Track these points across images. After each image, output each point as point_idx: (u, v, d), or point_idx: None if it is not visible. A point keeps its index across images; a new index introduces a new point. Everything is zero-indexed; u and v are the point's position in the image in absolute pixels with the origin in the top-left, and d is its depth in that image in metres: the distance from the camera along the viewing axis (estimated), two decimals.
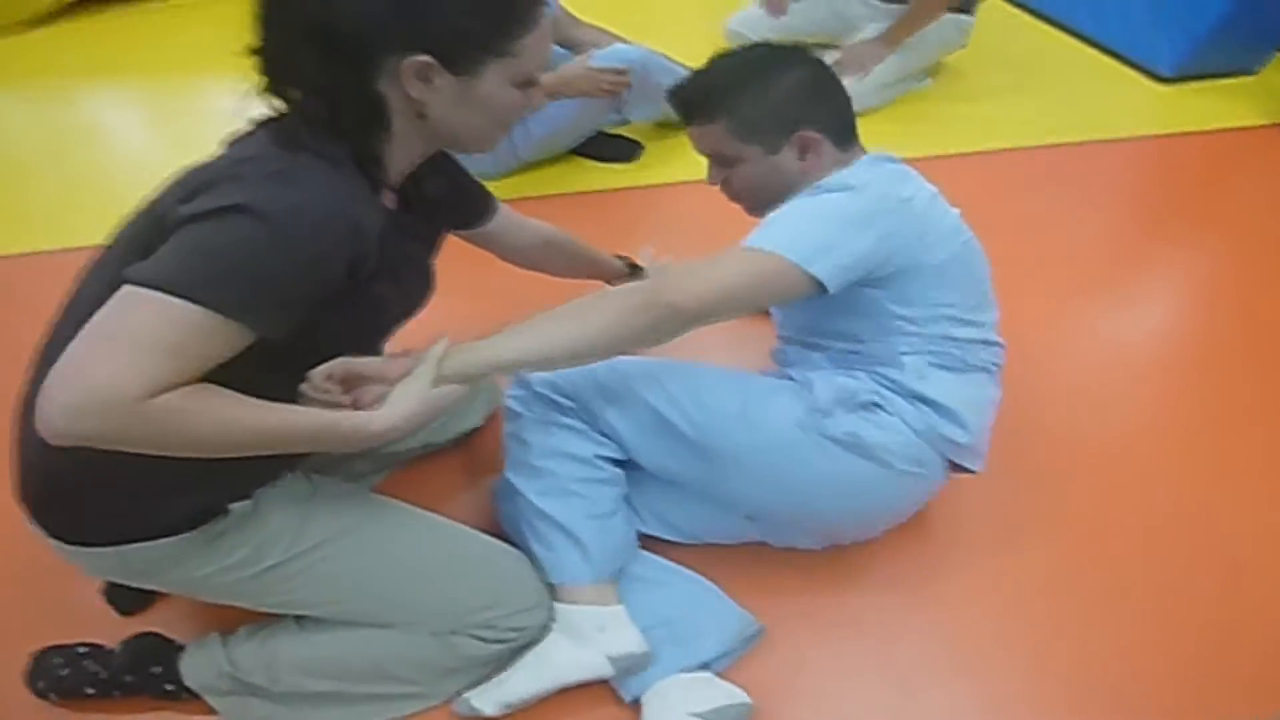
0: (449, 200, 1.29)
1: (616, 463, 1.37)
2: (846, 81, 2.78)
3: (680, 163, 2.61)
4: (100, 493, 1.06)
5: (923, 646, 1.40)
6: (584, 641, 1.26)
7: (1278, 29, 3.15)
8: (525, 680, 1.25)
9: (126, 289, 0.86)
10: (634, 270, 1.75)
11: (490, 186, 1.48)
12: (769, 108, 1.32)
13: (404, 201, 1.16)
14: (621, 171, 2.63)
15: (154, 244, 0.91)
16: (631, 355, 1.22)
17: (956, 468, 1.35)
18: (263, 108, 1.02)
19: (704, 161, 1.43)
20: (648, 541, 1.45)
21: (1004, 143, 2.78)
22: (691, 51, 2.54)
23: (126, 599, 1.43)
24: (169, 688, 1.27)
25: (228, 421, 0.90)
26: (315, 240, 0.92)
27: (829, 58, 2.81)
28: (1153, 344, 2.05)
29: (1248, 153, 2.80)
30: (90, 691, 1.29)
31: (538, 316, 1.13)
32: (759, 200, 1.36)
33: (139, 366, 0.83)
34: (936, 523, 1.57)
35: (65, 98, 3.18)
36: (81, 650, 1.31)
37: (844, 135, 1.36)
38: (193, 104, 3.08)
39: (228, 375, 0.90)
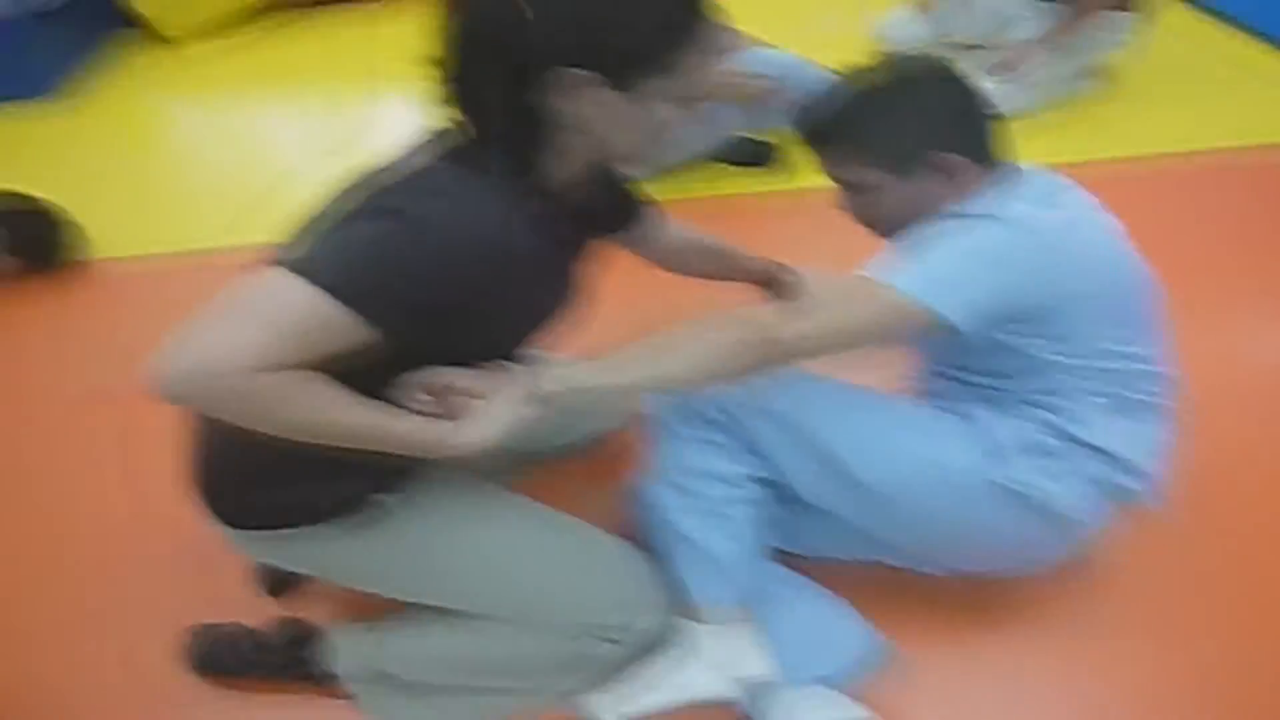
0: (601, 206, 1.27)
1: (763, 480, 1.31)
2: (1005, 84, 2.74)
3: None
4: (264, 479, 1.15)
5: (1050, 693, 1.34)
6: (714, 662, 1.26)
7: None
8: (651, 695, 1.26)
9: (267, 270, 0.91)
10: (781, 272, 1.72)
11: None
12: (900, 131, 1.22)
13: (558, 208, 1.15)
14: (758, 176, 2.61)
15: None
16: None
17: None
18: (434, 117, 1.05)
19: None
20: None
21: (1164, 148, 2.64)
22: (840, 58, 2.51)
23: (276, 581, 1.51)
24: (313, 671, 1.35)
25: (322, 412, 0.94)
26: (459, 257, 0.95)
27: (982, 59, 2.78)
28: None
29: None
30: (239, 668, 1.37)
31: (642, 343, 1.11)
32: (893, 226, 1.28)
33: (255, 341, 0.86)
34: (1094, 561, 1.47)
35: (238, 106, 3.39)
36: (232, 629, 1.40)
37: (989, 155, 1.24)
38: (358, 112, 3.24)
39: (360, 367, 0.94)
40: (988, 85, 2.72)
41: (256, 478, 1.16)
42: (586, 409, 1.59)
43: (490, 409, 1.02)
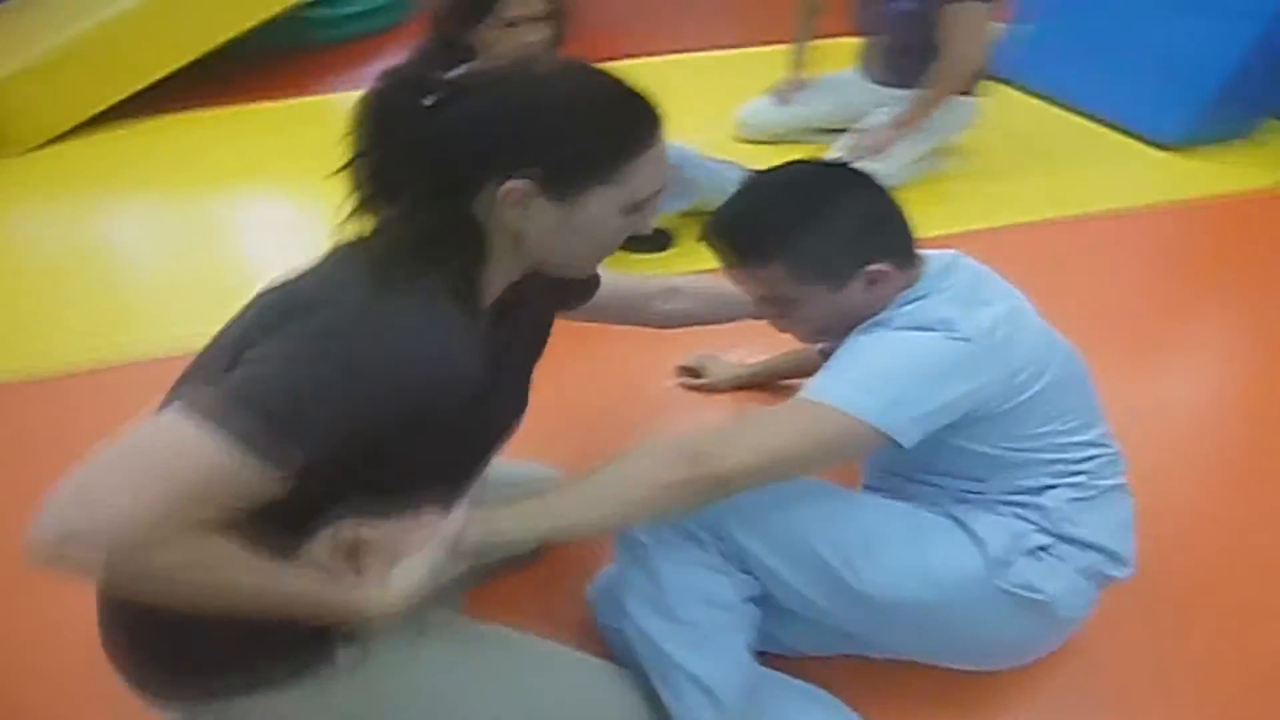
0: (548, 289, 1.18)
1: (753, 598, 1.23)
2: (865, 165, 2.87)
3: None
4: (190, 637, 0.94)
5: None
6: None
7: (1269, 95, 3.26)
8: None
9: (168, 412, 0.80)
10: None
11: None
12: (835, 245, 1.16)
13: (498, 312, 1.06)
14: (651, 261, 2.64)
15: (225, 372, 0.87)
16: None
17: None
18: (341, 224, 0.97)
19: None
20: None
21: (1022, 217, 2.82)
22: (704, 143, 2.59)
23: None
24: None
25: (225, 584, 0.83)
26: (397, 391, 0.86)
27: (842, 141, 2.93)
28: (1205, 408, 2.08)
29: (1256, 214, 2.88)
30: None
31: (567, 484, 1.05)
32: (818, 335, 1.27)
33: (152, 500, 0.75)
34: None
35: (81, 213, 3.15)
36: None
37: (909, 256, 1.21)
38: (217, 216, 3.08)
39: (274, 511, 0.82)
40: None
41: (177, 633, 0.95)
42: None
43: (406, 565, 0.91)
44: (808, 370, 1.35)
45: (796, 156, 3.04)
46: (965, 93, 2.93)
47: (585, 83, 0.97)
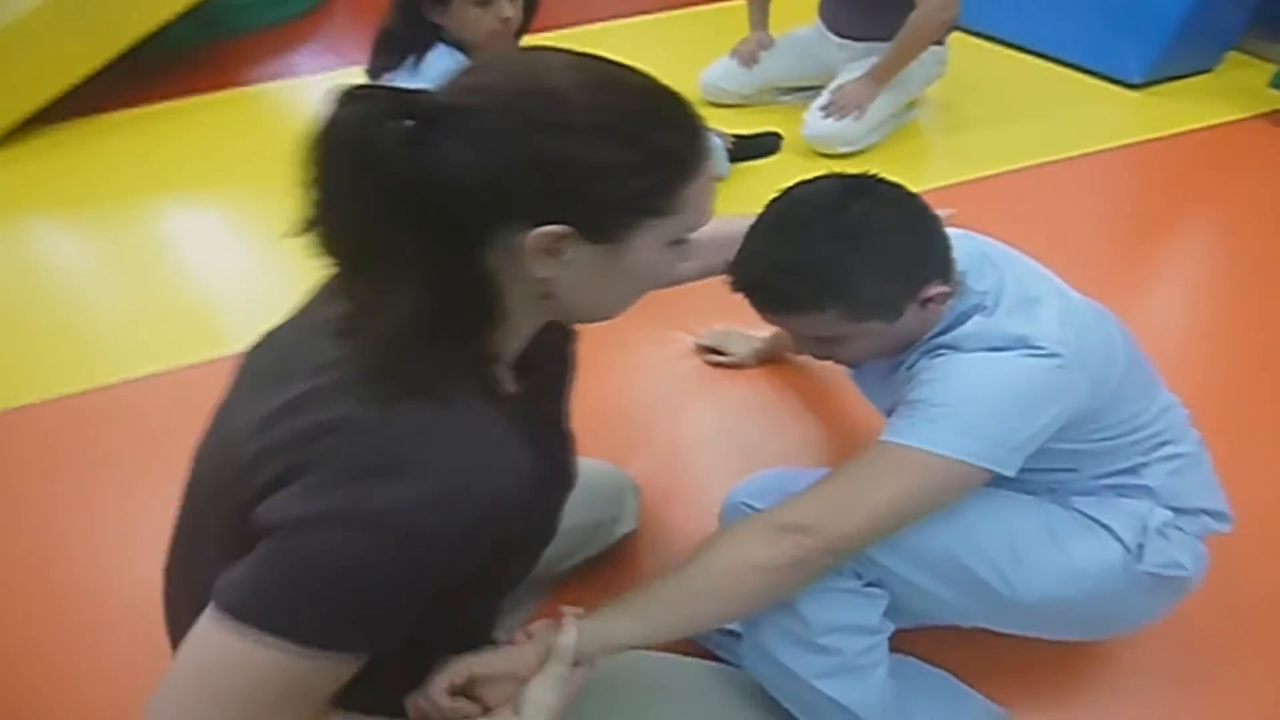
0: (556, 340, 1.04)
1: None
2: (845, 123, 2.84)
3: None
4: None
5: None
6: None
7: (1230, 28, 3.28)
8: None
9: (218, 618, 0.72)
10: None
11: None
12: (889, 279, 1.06)
13: (520, 369, 0.90)
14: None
15: (233, 531, 0.77)
16: None
17: None
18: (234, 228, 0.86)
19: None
20: None
21: (998, 167, 2.80)
22: None
23: None
24: None
25: None
26: (444, 546, 0.73)
27: (819, 101, 2.88)
28: (1181, 337, 2.11)
29: (1225, 147, 2.90)
30: None
31: (671, 577, 1.01)
32: (867, 359, 1.20)
33: None
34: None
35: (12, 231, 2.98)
36: None
37: (952, 266, 1.12)
38: (148, 227, 2.89)
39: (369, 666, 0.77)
40: (828, 125, 2.84)
41: None
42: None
43: (533, 690, 0.88)
44: None
45: (766, 119, 3.02)
46: (937, 42, 2.90)
47: (617, 91, 0.75)
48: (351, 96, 0.67)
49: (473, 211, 0.71)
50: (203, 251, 2.69)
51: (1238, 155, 2.85)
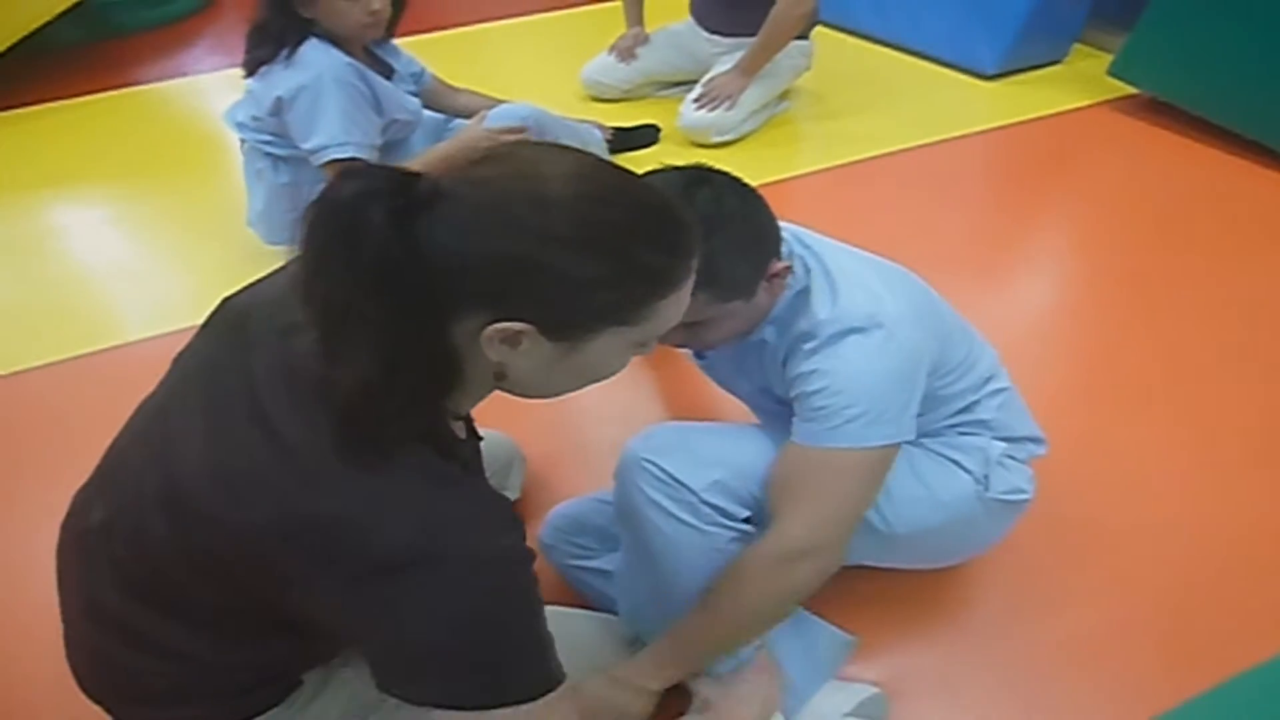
0: None
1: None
2: (717, 113, 2.94)
3: None
4: (170, 695, 0.96)
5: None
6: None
7: (1073, 20, 3.52)
8: None
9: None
10: None
11: None
12: (744, 258, 1.13)
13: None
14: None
15: (247, 611, 0.87)
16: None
17: None
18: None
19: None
20: None
21: (865, 153, 2.95)
22: (555, 105, 2.60)
23: None
24: None
25: None
26: (523, 564, 0.84)
27: (693, 93, 2.99)
28: (1052, 316, 2.26)
29: (1071, 131, 3.11)
30: None
31: (699, 618, 1.17)
32: (723, 344, 1.25)
33: None
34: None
35: None
36: None
37: (781, 245, 1.19)
38: (33, 225, 2.83)
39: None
40: (702, 116, 2.96)
41: (163, 700, 0.96)
42: None
43: None
44: None
45: (645, 113, 3.10)
46: (802, 37, 3.04)
47: (611, 205, 0.78)
48: (352, 174, 0.73)
49: (444, 293, 0.75)
50: (90, 246, 2.67)
51: (1082, 139, 3.07)
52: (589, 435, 1.88)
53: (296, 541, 0.79)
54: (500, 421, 1.50)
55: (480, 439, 1.08)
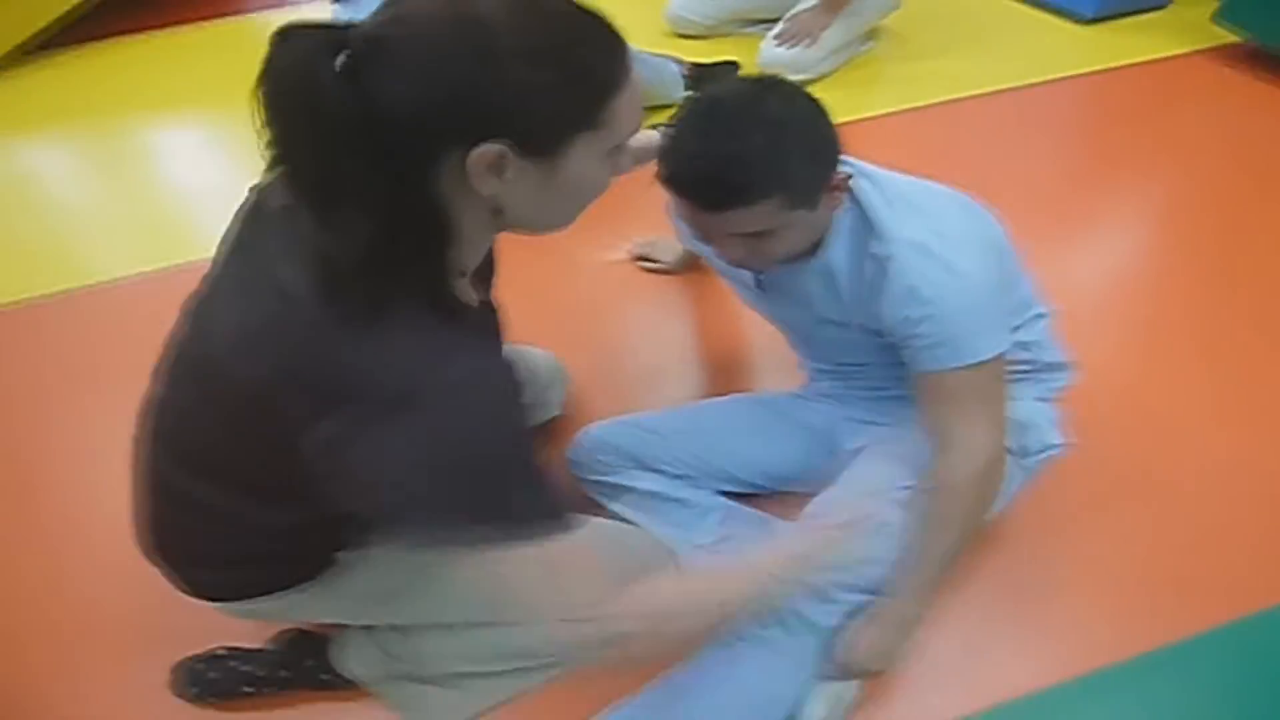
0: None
1: None
2: (797, 50, 2.92)
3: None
4: (221, 558, 1.10)
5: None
6: None
7: None
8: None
9: (500, 556, 0.87)
10: None
11: None
12: (814, 165, 1.15)
13: (479, 279, 1.03)
14: None
15: (272, 463, 0.92)
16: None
17: None
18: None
19: None
20: None
21: (949, 95, 2.90)
22: (638, 40, 2.59)
23: None
24: (324, 678, 1.31)
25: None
26: (514, 403, 0.90)
27: (775, 30, 2.97)
28: (1134, 266, 2.23)
29: (1173, 79, 3.00)
30: (248, 690, 1.32)
31: (920, 532, 1.26)
32: (784, 258, 1.24)
33: (597, 595, 0.92)
34: None
35: (6, 150, 3.07)
36: (222, 654, 1.34)
37: (840, 155, 1.19)
38: (142, 148, 3.02)
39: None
40: (781, 53, 2.94)
41: (215, 562, 1.11)
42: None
43: None
44: None
45: (728, 50, 3.10)
46: None
47: (542, 15, 0.80)
48: (283, 35, 0.73)
49: (416, 140, 0.77)
50: (187, 165, 2.83)
51: (1180, 87, 2.96)
52: (628, 361, 1.96)
53: (298, 386, 0.84)
54: (547, 342, 1.58)
55: (496, 312, 1.10)
